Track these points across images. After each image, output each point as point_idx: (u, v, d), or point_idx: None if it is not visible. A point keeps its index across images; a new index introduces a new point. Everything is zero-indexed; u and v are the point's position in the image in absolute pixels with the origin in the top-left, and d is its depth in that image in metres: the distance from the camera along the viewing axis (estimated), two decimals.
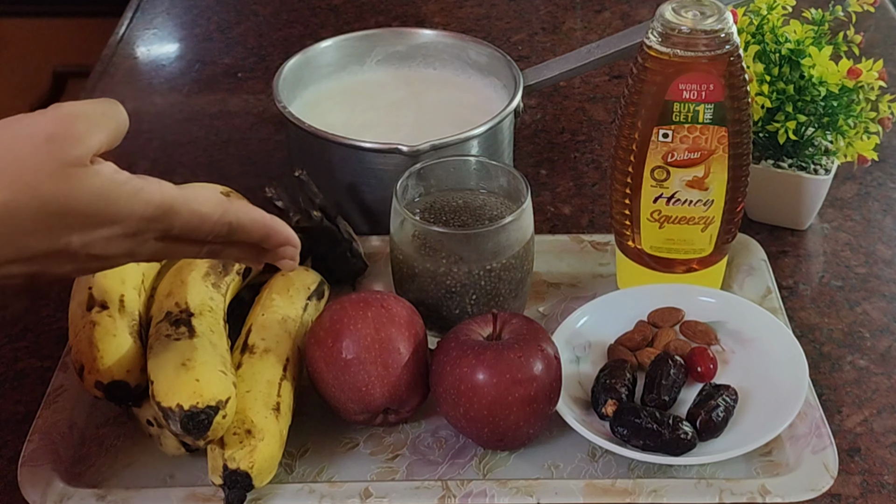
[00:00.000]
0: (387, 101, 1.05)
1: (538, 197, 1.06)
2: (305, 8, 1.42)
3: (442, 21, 1.37)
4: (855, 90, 0.94)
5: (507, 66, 1.03)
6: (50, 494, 0.75)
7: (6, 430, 0.84)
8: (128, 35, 1.37)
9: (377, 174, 0.94)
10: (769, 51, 0.96)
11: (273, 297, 0.84)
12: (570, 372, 0.83)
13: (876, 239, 1.02)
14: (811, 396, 0.81)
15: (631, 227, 0.88)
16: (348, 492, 0.75)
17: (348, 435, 0.81)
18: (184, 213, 0.64)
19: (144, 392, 0.76)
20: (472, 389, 0.76)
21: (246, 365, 0.78)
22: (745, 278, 0.93)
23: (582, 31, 1.36)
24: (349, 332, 0.77)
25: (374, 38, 1.08)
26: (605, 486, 0.75)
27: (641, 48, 0.83)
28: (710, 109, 0.82)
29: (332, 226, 0.90)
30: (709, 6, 0.82)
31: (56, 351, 0.88)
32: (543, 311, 0.92)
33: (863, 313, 0.93)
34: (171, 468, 0.79)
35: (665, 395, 0.80)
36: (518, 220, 0.83)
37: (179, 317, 0.78)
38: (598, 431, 0.78)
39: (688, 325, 0.87)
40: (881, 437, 0.82)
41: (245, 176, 0.81)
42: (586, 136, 1.16)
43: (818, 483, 0.75)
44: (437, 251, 0.83)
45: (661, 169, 0.85)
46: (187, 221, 0.65)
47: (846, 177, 1.08)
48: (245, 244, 0.69)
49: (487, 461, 0.79)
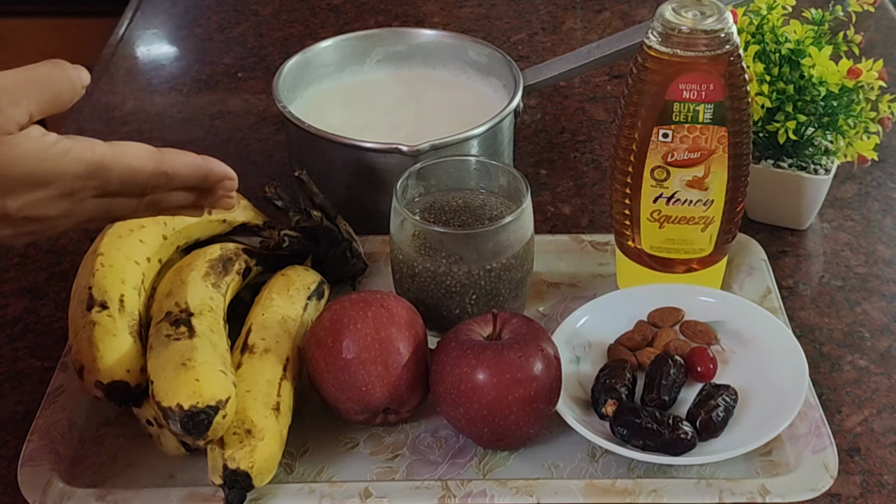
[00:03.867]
0: (387, 101, 1.05)
1: (538, 197, 1.06)
2: (305, 8, 1.42)
3: (442, 21, 1.37)
4: (855, 90, 0.94)
5: (507, 66, 1.03)
6: (50, 494, 0.75)
7: (6, 430, 0.84)
8: (128, 35, 1.37)
9: (377, 174, 0.94)
10: (769, 51, 0.96)
11: (273, 297, 0.84)
12: (570, 372, 0.83)
13: (876, 239, 1.02)
14: (811, 396, 0.81)
15: (631, 227, 0.88)
16: (348, 492, 0.75)
17: (348, 435, 0.81)
18: (116, 168, 0.65)
19: (144, 392, 0.76)
20: (472, 389, 0.76)
21: (246, 365, 0.78)
22: (745, 278, 0.93)
23: (582, 31, 1.36)
24: (349, 332, 0.77)
25: (374, 38, 1.08)
26: (605, 486, 0.75)
27: (641, 48, 0.83)
28: (710, 109, 0.82)
29: (332, 226, 0.90)
30: (709, 6, 0.82)
31: (56, 351, 0.88)
32: (543, 311, 0.92)
33: (863, 313, 0.93)
34: (171, 468, 0.79)
35: (665, 395, 0.80)
36: (518, 220, 0.83)
37: (179, 317, 0.78)
38: (598, 431, 0.78)
39: (688, 325, 0.87)
40: (881, 437, 0.82)
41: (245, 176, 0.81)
42: (586, 136, 1.16)
43: (818, 483, 0.75)
44: (437, 251, 0.83)
45: (661, 169, 0.85)
46: (121, 176, 0.66)
47: (846, 177, 1.08)
48: (184, 189, 0.70)
49: (487, 461, 0.79)
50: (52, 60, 0.65)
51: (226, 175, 0.71)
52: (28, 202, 0.63)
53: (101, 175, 0.65)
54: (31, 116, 0.63)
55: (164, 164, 0.68)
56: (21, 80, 0.63)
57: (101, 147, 0.65)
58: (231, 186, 0.72)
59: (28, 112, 0.62)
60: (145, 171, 0.67)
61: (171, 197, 0.70)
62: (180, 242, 0.88)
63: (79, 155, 0.64)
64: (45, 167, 0.63)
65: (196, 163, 0.70)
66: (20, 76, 0.63)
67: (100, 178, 0.65)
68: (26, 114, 0.62)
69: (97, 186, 0.65)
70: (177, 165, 0.68)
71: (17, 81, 0.63)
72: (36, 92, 0.63)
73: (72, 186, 0.64)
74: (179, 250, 0.88)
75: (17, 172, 0.62)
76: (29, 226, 0.65)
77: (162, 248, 0.86)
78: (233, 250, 0.86)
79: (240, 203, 0.90)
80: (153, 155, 0.67)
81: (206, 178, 0.70)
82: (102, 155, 0.65)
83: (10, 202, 0.63)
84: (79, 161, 0.64)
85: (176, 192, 0.70)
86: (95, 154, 0.64)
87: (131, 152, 0.66)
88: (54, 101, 0.64)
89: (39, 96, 0.63)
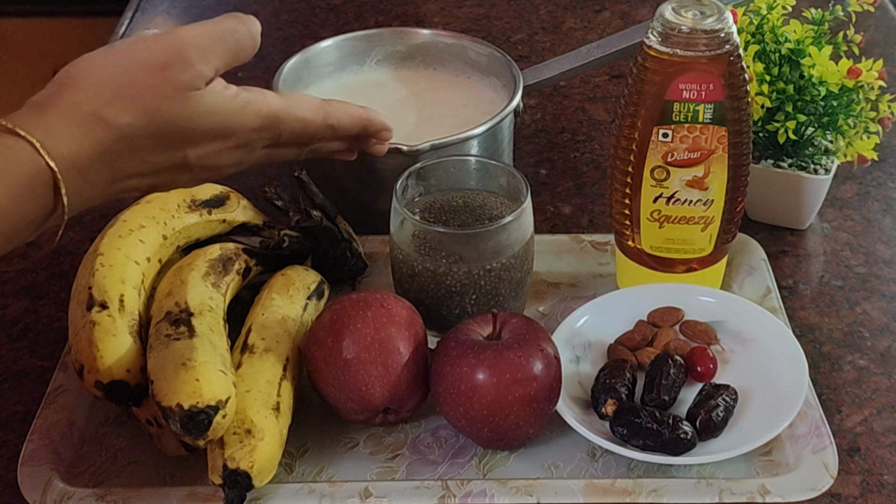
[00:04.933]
0: (387, 101, 1.05)
1: (538, 197, 1.06)
2: (305, 8, 1.42)
3: (442, 21, 1.37)
4: (855, 90, 0.94)
5: (506, 66, 1.03)
6: (50, 494, 0.75)
7: (6, 430, 0.84)
8: (128, 35, 1.37)
9: (377, 174, 0.94)
10: (769, 50, 0.96)
11: (273, 297, 0.84)
12: (570, 372, 0.83)
13: (876, 239, 1.02)
14: (811, 396, 0.81)
15: (631, 227, 0.88)
16: (348, 491, 0.75)
17: (348, 435, 0.81)
18: (289, 120, 0.70)
19: (144, 392, 0.76)
20: (472, 389, 0.76)
21: (246, 365, 0.78)
22: (745, 278, 0.93)
23: (582, 31, 1.36)
24: (349, 332, 0.77)
25: (374, 38, 1.08)
26: (605, 485, 0.75)
27: (641, 48, 0.83)
28: (710, 109, 0.82)
29: (331, 225, 0.90)
30: (709, 6, 0.82)
31: (56, 351, 0.88)
32: (543, 311, 0.92)
33: (863, 313, 0.93)
34: (171, 468, 0.79)
35: (665, 395, 0.80)
36: (518, 220, 0.83)
37: (179, 316, 0.78)
38: (597, 431, 0.78)
39: (688, 324, 0.87)
40: (881, 437, 0.82)
41: (245, 176, 0.81)
42: (586, 135, 1.16)
43: (818, 483, 0.75)
44: (437, 251, 0.83)
45: (661, 169, 0.85)
46: (293, 128, 0.70)
47: (846, 176, 1.08)
48: (344, 138, 0.75)
49: (487, 461, 0.79)
50: (234, 15, 0.68)
51: (383, 126, 0.78)
52: (207, 152, 0.67)
53: (275, 127, 0.69)
54: (216, 71, 0.66)
55: (331, 118, 0.72)
56: (210, 35, 0.66)
57: (275, 100, 0.69)
58: (386, 136, 0.79)
59: (215, 67, 0.66)
60: (314, 123, 0.71)
61: (332, 145, 0.75)
62: (180, 242, 0.88)
63: (256, 108, 0.68)
64: (228, 121, 0.66)
65: (359, 114, 0.75)
66: (209, 31, 0.66)
67: (273, 131, 0.69)
68: (213, 69, 0.66)
69: (270, 138, 0.69)
70: (342, 118, 0.73)
71: (207, 37, 0.66)
72: (223, 47, 0.66)
73: (248, 138, 0.68)
74: (179, 250, 0.88)
75: (202, 126, 0.65)
76: (204, 173, 0.69)
77: (162, 248, 0.85)
78: (233, 250, 0.86)
79: (240, 203, 0.91)
80: (321, 107, 0.72)
81: (365, 129, 0.76)
82: (277, 108, 0.69)
83: (192, 152, 0.66)
84: (256, 114, 0.68)
85: (336, 140, 0.75)
86: (271, 107, 0.68)
87: (302, 105, 0.71)
88: (237, 55, 0.68)
89: (226, 52, 0.67)
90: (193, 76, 0.64)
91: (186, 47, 0.65)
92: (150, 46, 0.65)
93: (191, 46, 0.65)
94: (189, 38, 0.65)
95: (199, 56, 0.65)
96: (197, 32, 0.66)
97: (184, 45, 0.65)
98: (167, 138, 0.65)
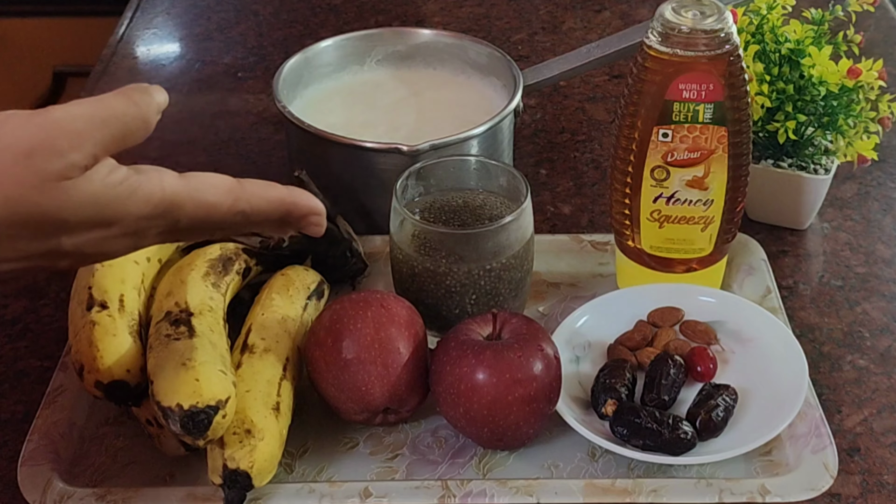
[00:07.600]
0: (387, 101, 1.05)
1: (538, 197, 1.06)
2: (305, 8, 1.42)
3: (442, 21, 1.37)
4: (855, 90, 0.94)
5: (506, 66, 1.03)
6: (50, 494, 0.75)
7: (6, 429, 0.84)
8: (128, 35, 1.37)
9: (377, 174, 0.94)
10: (769, 50, 0.96)
11: (273, 297, 0.84)
12: (570, 372, 0.83)
13: (876, 239, 1.02)
14: (811, 396, 0.81)
15: (631, 227, 0.88)
16: (348, 491, 0.75)
17: (348, 435, 0.81)
18: (188, 206, 0.61)
19: (144, 392, 0.76)
20: (472, 389, 0.76)
21: (246, 365, 0.78)
22: (745, 278, 0.93)
23: (582, 31, 1.36)
24: (349, 332, 0.77)
25: (374, 38, 1.08)
26: (604, 485, 0.75)
27: (641, 48, 0.83)
28: (710, 109, 0.82)
29: (331, 225, 0.90)
30: (709, 6, 0.82)
31: (56, 351, 0.88)
32: (543, 311, 0.92)
33: (863, 313, 0.93)
34: (171, 468, 0.79)
35: (665, 395, 0.80)
36: (518, 220, 0.83)
37: (179, 316, 0.78)
38: (597, 431, 0.78)
39: (688, 324, 0.87)
40: (881, 437, 0.82)
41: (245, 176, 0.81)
42: (586, 135, 1.16)
43: (818, 483, 0.75)
44: (436, 251, 0.83)
45: (660, 168, 0.85)
46: (193, 214, 0.61)
47: (846, 176, 1.08)
48: (261, 224, 0.65)
49: (487, 461, 0.79)
50: (127, 92, 0.60)
51: (312, 210, 0.65)
52: (86, 241, 0.59)
53: (170, 214, 0.60)
54: (95, 158, 0.58)
55: (242, 202, 0.62)
56: (89, 118, 0.58)
57: (172, 183, 0.60)
58: (318, 222, 0.66)
59: (92, 154, 0.58)
60: (220, 209, 0.61)
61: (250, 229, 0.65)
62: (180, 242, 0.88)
63: (147, 194, 0.59)
64: (107, 210, 0.58)
65: (280, 197, 0.64)
66: (89, 113, 0.58)
67: (169, 217, 0.60)
68: (90, 156, 0.58)
69: (164, 225, 0.61)
70: (257, 203, 0.63)
71: (85, 121, 0.58)
72: (104, 132, 0.58)
73: (137, 226, 0.60)
74: (179, 250, 0.88)
75: (74, 217, 0.58)
76: (87, 259, 0.62)
77: (162, 247, 0.85)
78: (233, 250, 0.86)
79: None
80: (231, 190, 0.62)
81: (288, 214, 0.64)
82: (174, 193, 0.60)
83: (67, 240, 0.59)
84: (146, 201, 0.59)
85: (252, 225, 0.64)
86: (165, 192, 0.60)
87: (207, 188, 0.61)
88: (123, 140, 0.60)
89: (107, 137, 0.59)
90: (63, 166, 0.56)
91: (56, 134, 0.57)
92: (17, 130, 0.57)
93: (62, 133, 0.57)
94: (63, 123, 0.57)
95: (72, 144, 0.57)
96: (74, 114, 0.58)
97: (54, 131, 0.57)
98: (33, 228, 0.58)
